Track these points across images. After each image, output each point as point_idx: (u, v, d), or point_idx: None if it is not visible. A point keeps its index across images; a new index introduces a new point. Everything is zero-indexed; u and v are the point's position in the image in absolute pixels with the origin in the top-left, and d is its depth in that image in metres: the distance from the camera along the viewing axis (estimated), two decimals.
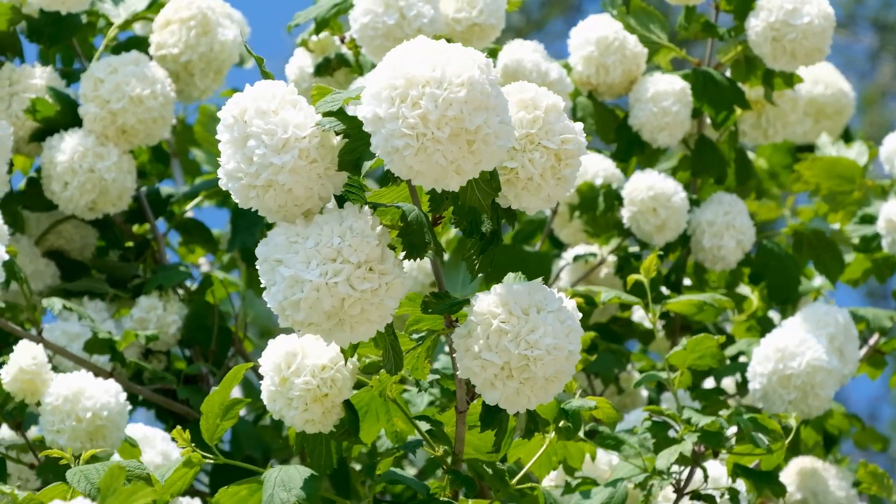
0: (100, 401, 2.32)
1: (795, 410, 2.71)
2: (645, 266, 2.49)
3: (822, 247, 3.16)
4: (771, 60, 2.96)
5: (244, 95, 1.88)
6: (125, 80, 2.80)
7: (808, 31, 2.93)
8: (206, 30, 2.94)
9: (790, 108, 3.12)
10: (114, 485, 1.83)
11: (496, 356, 1.89)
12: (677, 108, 2.99)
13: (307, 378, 2.08)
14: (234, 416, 2.18)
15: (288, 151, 1.86)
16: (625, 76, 3.05)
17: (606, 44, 3.03)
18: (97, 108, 2.81)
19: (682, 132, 3.03)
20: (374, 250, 1.86)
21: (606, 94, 3.10)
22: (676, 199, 2.98)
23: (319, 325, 1.87)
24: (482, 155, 1.81)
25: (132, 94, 2.80)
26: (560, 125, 1.94)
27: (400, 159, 1.80)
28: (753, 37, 2.96)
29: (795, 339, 2.74)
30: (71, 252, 3.01)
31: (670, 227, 2.99)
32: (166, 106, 2.84)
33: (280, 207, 1.89)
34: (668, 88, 3.00)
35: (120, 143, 2.85)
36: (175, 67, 2.94)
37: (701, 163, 3.08)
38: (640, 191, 2.99)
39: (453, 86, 1.78)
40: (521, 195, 1.94)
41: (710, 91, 3.02)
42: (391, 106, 1.79)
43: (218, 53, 2.95)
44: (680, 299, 2.67)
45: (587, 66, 3.06)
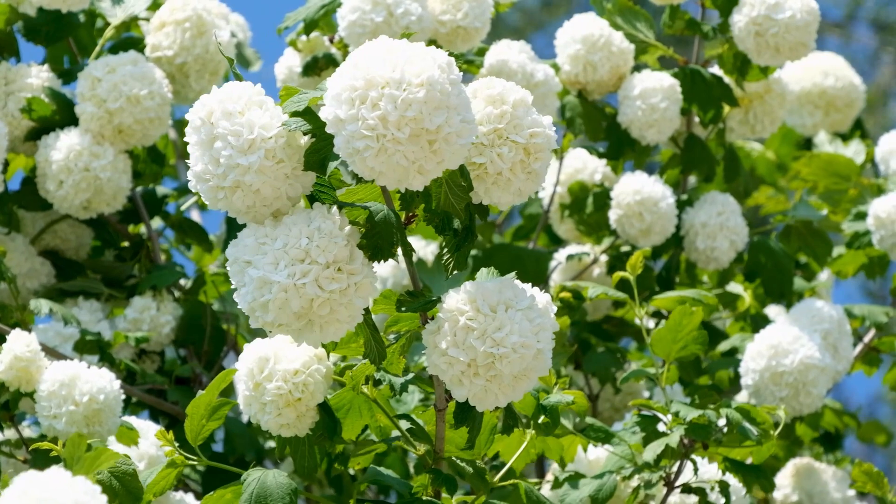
0: (96, 385, 2.33)
1: (787, 407, 2.70)
2: (631, 263, 2.49)
3: (810, 234, 3.15)
4: (755, 55, 2.96)
5: (211, 97, 1.89)
6: (123, 79, 2.81)
7: (791, 25, 2.92)
8: (200, 31, 2.95)
9: (778, 104, 3.11)
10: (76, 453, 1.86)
11: (462, 353, 1.89)
12: (665, 104, 2.98)
13: (279, 383, 2.10)
14: (220, 417, 2.19)
15: (254, 152, 1.86)
16: (612, 73, 3.04)
17: (592, 41, 3.03)
18: (94, 107, 2.82)
19: (670, 129, 3.02)
20: (343, 250, 1.87)
21: (595, 91, 3.09)
22: (663, 205, 2.97)
23: (289, 326, 1.87)
24: (444, 154, 1.81)
25: (129, 94, 2.81)
26: (528, 119, 1.94)
27: (361, 160, 1.80)
28: (737, 32, 2.95)
29: (789, 336, 2.73)
30: (66, 251, 3.03)
31: (656, 232, 2.98)
32: (163, 106, 2.85)
33: (248, 208, 1.90)
34: (657, 85, 2.99)
35: (116, 143, 2.86)
36: (170, 69, 2.95)
37: (690, 160, 3.08)
38: (627, 194, 2.99)
39: (412, 86, 1.78)
40: (491, 190, 1.94)
41: (698, 88, 3.02)
42: (351, 107, 1.79)
43: (213, 55, 2.96)
44: (666, 295, 2.67)
45: (574, 64, 3.05)
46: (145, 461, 2.47)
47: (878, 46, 9.35)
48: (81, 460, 1.87)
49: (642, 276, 3.01)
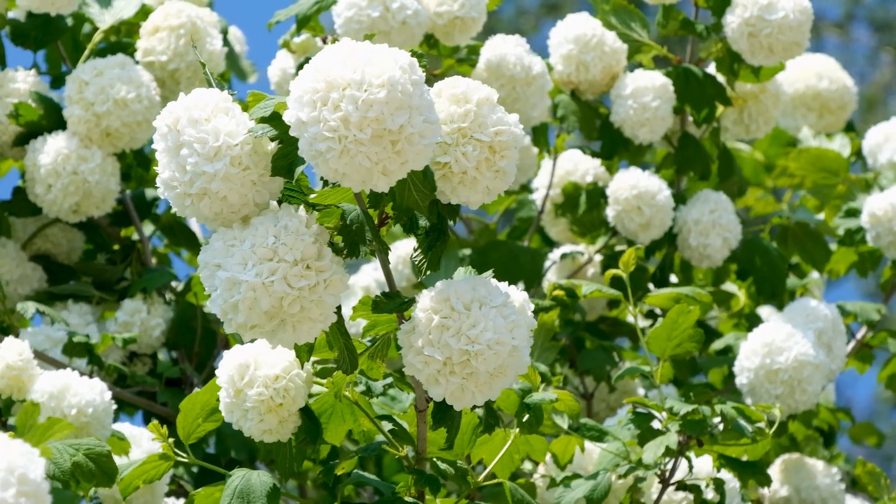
0: (85, 398, 2.33)
1: (782, 405, 2.70)
2: (624, 260, 2.49)
3: (808, 238, 3.15)
4: (749, 56, 2.96)
5: (178, 104, 1.90)
6: (110, 82, 2.82)
7: (784, 25, 2.92)
8: (194, 39, 2.96)
9: (772, 104, 3.10)
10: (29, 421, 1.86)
11: (437, 352, 1.89)
12: (657, 103, 2.98)
13: (260, 389, 2.10)
14: (217, 420, 2.20)
15: (220, 159, 1.87)
16: (605, 73, 3.04)
17: (585, 41, 3.03)
18: (81, 110, 2.83)
19: (663, 128, 3.02)
20: (310, 247, 1.87)
21: (588, 91, 3.09)
22: (661, 198, 2.97)
23: (262, 327, 1.88)
24: (407, 155, 1.82)
25: (117, 97, 2.82)
26: (493, 117, 1.93)
27: (324, 162, 1.80)
28: (730, 33, 2.96)
29: (783, 333, 2.73)
30: (58, 256, 3.04)
31: (655, 225, 2.98)
32: (151, 109, 2.86)
33: (216, 215, 1.90)
34: (648, 84, 3.00)
35: (104, 146, 2.87)
36: (162, 74, 2.96)
37: (684, 159, 3.08)
38: (623, 189, 2.99)
39: (373, 87, 1.79)
40: (457, 189, 1.94)
41: (692, 88, 3.02)
42: (313, 109, 1.80)
43: (206, 62, 2.96)
44: (659, 293, 2.67)
45: (567, 64, 3.05)
46: None
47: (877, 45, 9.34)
48: (32, 429, 1.88)
49: (638, 276, 3.02)
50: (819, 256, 3.14)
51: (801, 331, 2.75)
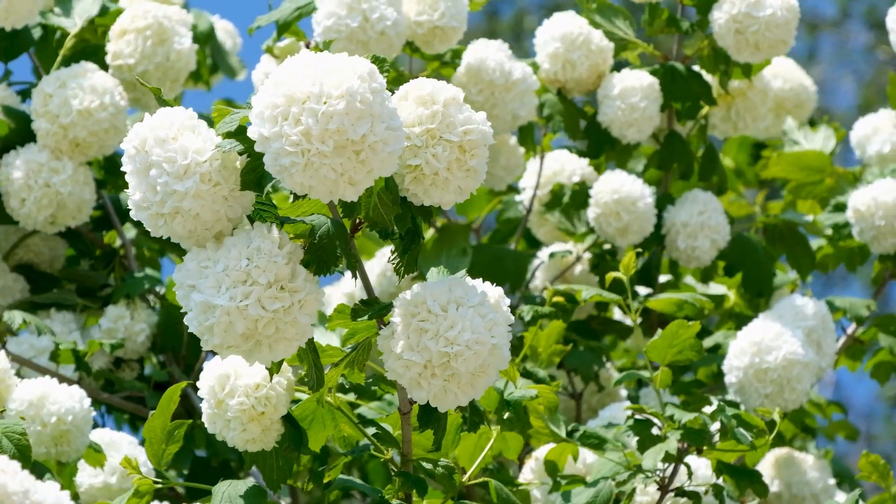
0: (64, 405, 2.33)
1: (772, 404, 2.70)
2: (624, 263, 2.49)
3: (795, 240, 3.14)
4: (735, 52, 2.95)
5: (144, 125, 1.90)
6: (73, 93, 2.81)
7: (771, 22, 2.91)
8: (162, 39, 2.95)
9: (760, 101, 3.09)
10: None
11: (417, 355, 1.89)
12: (645, 104, 2.97)
13: (241, 399, 2.10)
14: (178, 440, 2.20)
15: (190, 177, 1.87)
16: (591, 71, 3.03)
17: (571, 39, 3.02)
18: (48, 123, 2.83)
19: (651, 128, 3.01)
20: (283, 269, 1.88)
21: (575, 90, 3.08)
22: (641, 205, 2.96)
23: (238, 348, 1.88)
24: (372, 163, 1.81)
25: (80, 108, 2.81)
26: (461, 117, 1.93)
27: (289, 177, 1.81)
28: (717, 29, 2.95)
29: (771, 332, 2.72)
30: (41, 265, 3.04)
31: (633, 231, 2.98)
32: (117, 115, 2.85)
33: (190, 233, 1.91)
34: (636, 84, 2.98)
35: (74, 156, 2.86)
36: (131, 76, 2.95)
37: (668, 157, 3.07)
38: (605, 193, 2.98)
39: (332, 98, 1.78)
40: (430, 191, 1.93)
41: (678, 86, 3.01)
42: (274, 125, 1.80)
43: (174, 62, 2.95)
44: (660, 297, 2.66)
45: (553, 62, 3.04)
46: (117, 475, 2.49)
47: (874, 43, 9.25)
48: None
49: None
50: (805, 263, 3.13)
51: (789, 329, 2.74)
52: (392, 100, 1.87)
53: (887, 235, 2.97)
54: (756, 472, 2.44)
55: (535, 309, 2.75)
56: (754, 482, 2.42)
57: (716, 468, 2.42)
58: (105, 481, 2.51)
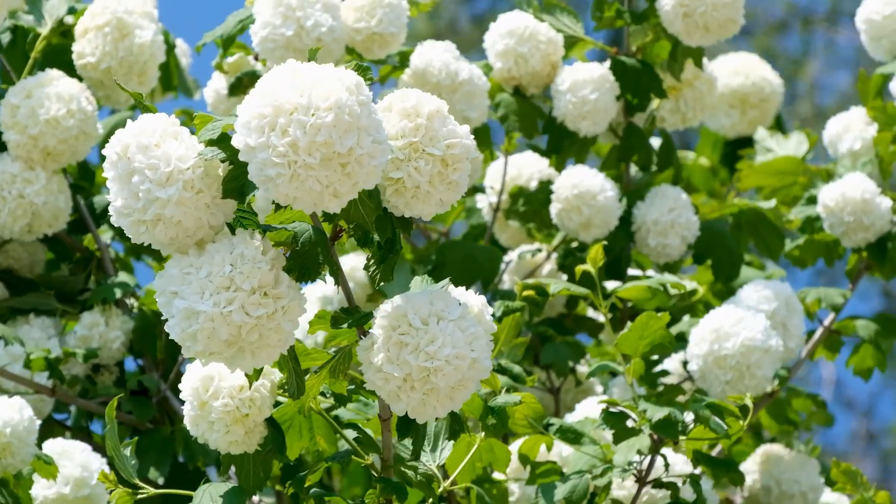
0: (2, 418, 2.32)
1: (733, 391, 2.70)
2: (591, 256, 2.49)
3: (762, 225, 3.15)
4: (685, 37, 2.95)
5: (126, 132, 1.89)
6: (39, 102, 2.78)
7: (718, 3, 2.91)
8: (123, 34, 2.90)
9: (707, 90, 3.09)
10: None
11: (397, 369, 1.89)
12: (596, 95, 2.97)
13: (225, 400, 2.10)
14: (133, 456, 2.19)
15: (172, 184, 1.86)
16: (545, 62, 3.02)
17: (518, 33, 3.01)
18: (17, 134, 2.80)
19: (606, 119, 3.01)
20: (267, 275, 1.87)
21: (531, 84, 3.06)
22: (602, 198, 2.97)
23: (220, 354, 1.88)
24: (357, 176, 1.81)
25: (47, 117, 2.78)
26: (444, 130, 1.93)
27: (274, 188, 1.80)
28: (665, 15, 2.95)
29: (731, 319, 2.72)
30: (20, 270, 3.01)
31: (596, 225, 2.98)
32: (86, 121, 2.82)
33: (172, 240, 1.90)
34: (586, 77, 2.98)
35: (47, 165, 2.83)
36: (97, 75, 2.91)
37: (627, 149, 3.07)
38: (565, 188, 2.99)
39: (320, 110, 1.78)
40: (411, 203, 1.93)
41: (629, 79, 3.01)
42: (261, 135, 1.79)
43: (137, 56, 2.91)
44: (630, 286, 2.66)
45: (505, 59, 3.03)
46: (70, 485, 2.47)
47: None
48: None
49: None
50: (774, 245, 3.14)
51: (752, 312, 2.75)
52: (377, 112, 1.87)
53: (857, 231, 2.98)
54: (732, 460, 2.46)
55: (506, 304, 2.75)
56: (730, 471, 2.43)
57: (692, 458, 2.43)
58: (59, 492, 2.49)
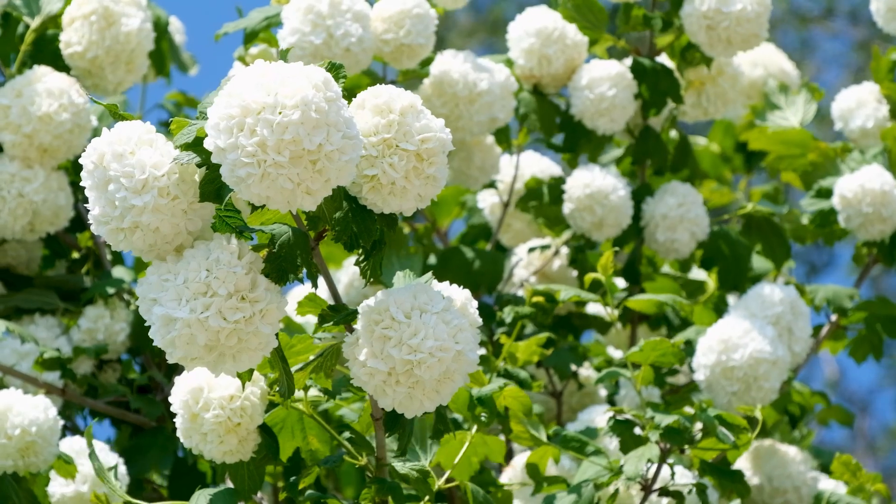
0: (28, 417, 2.33)
1: (739, 402, 2.69)
2: (602, 264, 2.49)
3: (771, 232, 3.13)
4: (708, 48, 2.95)
5: (102, 140, 1.90)
6: (30, 100, 2.78)
7: (742, 17, 2.91)
8: (109, 22, 2.89)
9: (730, 86, 3.08)
10: None
11: (381, 363, 1.89)
12: (613, 92, 2.96)
13: (217, 412, 2.10)
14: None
15: (148, 192, 1.87)
16: (567, 66, 3.02)
17: (546, 34, 3.01)
18: (11, 134, 2.80)
19: (624, 117, 3.00)
20: (243, 279, 1.88)
21: (551, 85, 3.07)
22: (614, 197, 2.96)
23: (202, 359, 1.88)
24: (329, 173, 1.82)
25: (39, 114, 2.78)
26: (418, 125, 1.92)
27: (246, 188, 1.81)
28: (689, 26, 2.94)
29: (739, 330, 2.71)
30: (18, 267, 3.02)
31: (609, 224, 2.97)
32: (79, 114, 2.82)
33: (150, 247, 1.91)
34: (604, 73, 2.98)
35: (45, 163, 2.84)
36: (84, 64, 2.91)
37: (642, 151, 3.06)
38: (577, 188, 2.98)
39: (287, 108, 1.78)
40: (388, 200, 1.93)
41: (648, 81, 3.01)
42: (230, 136, 1.80)
43: (124, 45, 2.90)
44: (640, 298, 2.66)
45: (529, 58, 3.03)
46: (88, 483, 2.48)
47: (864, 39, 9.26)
48: None
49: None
50: (779, 253, 3.13)
51: (758, 321, 2.73)
52: (349, 108, 1.87)
53: (875, 222, 2.96)
54: (739, 472, 2.43)
55: (516, 310, 2.75)
56: (736, 482, 2.42)
57: (699, 468, 2.42)
58: (77, 490, 2.50)
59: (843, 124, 3.19)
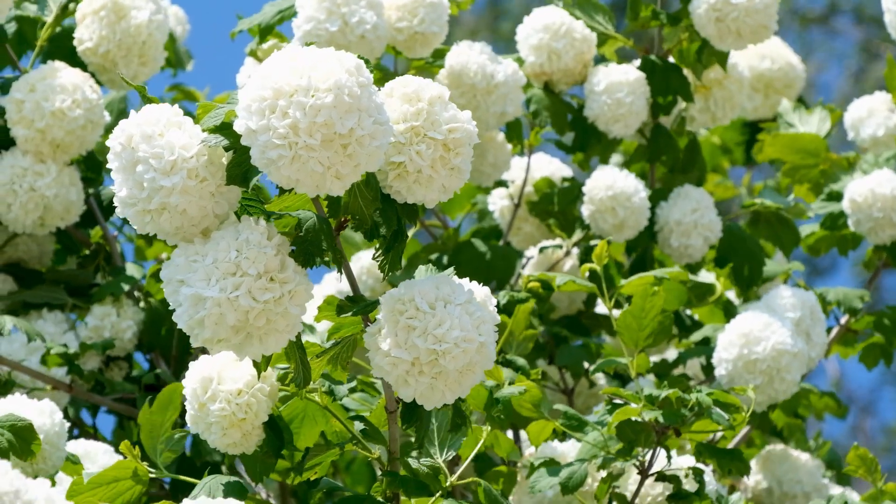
0: (35, 424, 2.30)
1: (761, 395, 2.69)
2: (597, 253, 2.49)
3: (778, 222, 3.14)
4: (717, 41, 2.96)
5: (130, 122, 1.90)
6: (43, 95, 2.78)
7: (751, 8, 2.92)
8: (119, 16, 2.90)
9: (737, 90, 3.09)
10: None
11: (405, 353, 1.89)
12: (631, 98, 2.98)
13: (222, 405, 2.10)
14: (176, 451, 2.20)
15: (176, 173, 1.87)
16: (577, 60, 3.04)
17: (554, 29, 3.02)
18: (24, 129, 2.80)
19: (637, 122, 3.02)
20: (273, 260, 1.88)
21: (562, 81, 3.08)
22: (636, 199, 2.97)
23: (229, 341, 1.88)
24: (359, 158, 1.82)
25: (52, 109, 2.78)
26: (446, 115, 1.93)
27: (276, 170, 1.81)
28: (697, 19, 2.96)
29: (760, 323, 2.71)
30: (29, 262, 3.02)
31: (629, 226, 2.98)
32: (92, 110, 2.82)
33: (177, 229, 1.90)
34: (623, 79, 2.99)
35: (57, 158, 2.84)
36: (98, 59, 2.91)
37: (656, 150, 3.07)
38: (599, 189, 2.98)
39: (320, 91, 1.79)
40: (413, 188, 1.94)
41: (656, 80, 3.02)
42: (262, 118, 1.80)
43: (135, 38, 2.90)
44: (632, 280, 2.66)
45: (538, 54, 3.04)
46: None
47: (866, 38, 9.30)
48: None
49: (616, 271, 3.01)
50: (788, 240, 3.13)
51: (778, 319, 2.74)
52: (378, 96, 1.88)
53: (885, 227, 2.97)
54: (737, 450, 2.43)
55: (511, 294, 2.75)
56: (735, 460, 2.41)
57: (695, 450, 2.42)
58: None
59: (854, 134, 3.21)
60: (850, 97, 3.53)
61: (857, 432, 8.51)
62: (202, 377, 2.11)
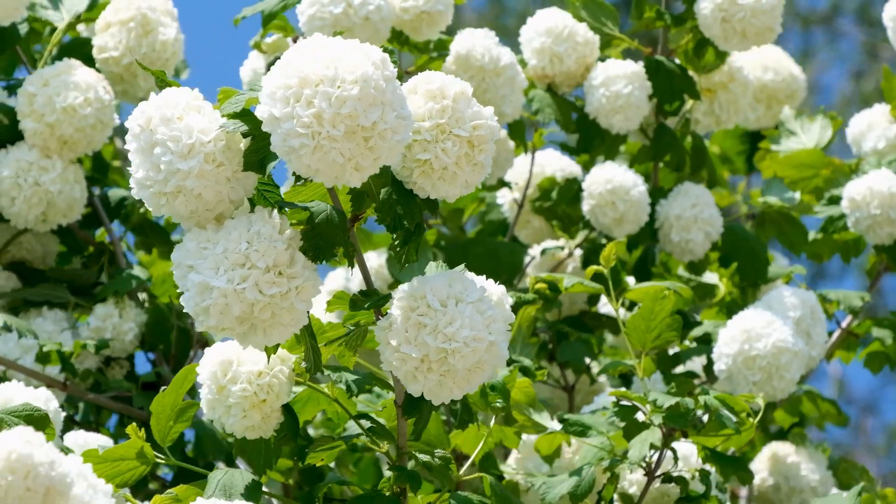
0: None
1: (760, 392, 2.68)
2: (604, 255, 2.48)
3: (785, 221, 3.13)
4: (722, 42, 2.95)
5: (149, 104, 1.88)
6: (56, 91, 2.77)
7: (757, 9, 2.91)
8: (146, 30, 2.91)
9: (741, 93, 3.08)
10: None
11: (415, 349, 1.88)
12: (629, 90, 2.96)
13: (244, 385, 2.08)
14: (187, 420, 2.17)
15: (194, 156, 1.86)
16: (579, 64, 3.02)
17: (557, 32, 3.01)
18: (34, 122, 2.79)
19: (638, 115, 3.00)
20: (283, 254, 1.86)
21: (564, 84, 3.06)
22: (635, 193, 2.96)
23: (233, 330, 1.87)
24: (380, 151, 1.81)
25: (64, 105, 2.76)
26: (470, 112, 1.93)
27: (297, 159, 1.79)
28: (703, 20, 2.94)
29: (762, 320, 2.71)
30: (33, 261, 3.00)
31: (629, 220, 2.97)
32: (103, 110, 2.81)
33: (192, 213, 1.89)
34: (620, 72, 2.98)
35: (63, 154, 2.82)
36: (118, 70, 2.91)
37: (660, 148, 3.05)
38: (598, 184, 2.97)
39: (346, 83, 1.78)
40: (437, 185, 1.93)
41: (662, 80, 3.00)
42: (286, 106, 1.79)
43: (160, 53, 2.91)
44: (639, 287, 2.65)
45: (541, 57, 3.03)
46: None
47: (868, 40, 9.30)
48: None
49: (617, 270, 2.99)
50: (797, 239, 3.14)
51: (779, 318, 2.74)
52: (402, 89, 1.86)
53: (883, 225, 2.96)
54: (741, 458, 2.44)
55: (518, 295, 2.74)
56: (739, 469, 2.41)
57: (702, 455, 2.41)
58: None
59: (857, 149, 3.20)
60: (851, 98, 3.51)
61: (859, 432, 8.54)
62: (222, 359, 2.09)
